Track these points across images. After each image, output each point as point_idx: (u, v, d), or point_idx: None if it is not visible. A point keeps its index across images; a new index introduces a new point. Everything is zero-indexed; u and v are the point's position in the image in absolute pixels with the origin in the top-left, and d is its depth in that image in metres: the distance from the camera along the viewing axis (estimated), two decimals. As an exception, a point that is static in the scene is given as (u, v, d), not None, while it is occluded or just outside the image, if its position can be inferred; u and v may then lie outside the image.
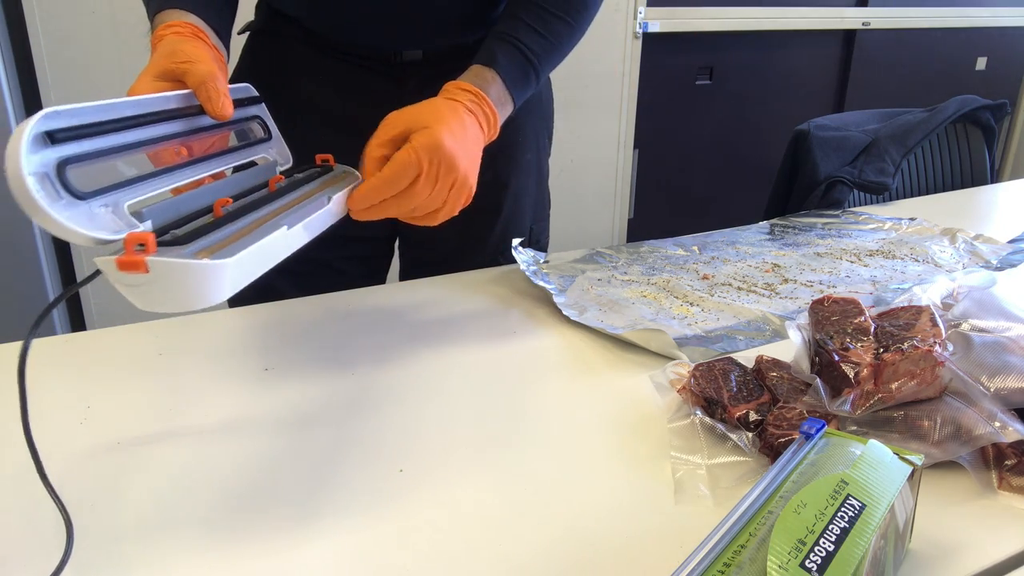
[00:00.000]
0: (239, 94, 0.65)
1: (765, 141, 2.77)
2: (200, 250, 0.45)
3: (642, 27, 2.34)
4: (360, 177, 0.67)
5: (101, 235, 0.44)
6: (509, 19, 0.78)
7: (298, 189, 0.61)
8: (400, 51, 0.83)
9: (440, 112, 0.66)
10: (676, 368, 0.63)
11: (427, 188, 0.63)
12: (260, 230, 0.50)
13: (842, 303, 0.62)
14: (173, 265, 0.42)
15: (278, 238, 0.50)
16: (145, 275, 0.42)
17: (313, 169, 0.69)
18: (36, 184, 0.42)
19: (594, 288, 0.85)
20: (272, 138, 0.69)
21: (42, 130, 0.43)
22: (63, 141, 0.44)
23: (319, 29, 0.83)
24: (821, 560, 0.34)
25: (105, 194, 0.46)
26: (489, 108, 0.72)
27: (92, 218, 0.44)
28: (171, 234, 0.47)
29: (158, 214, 0.49)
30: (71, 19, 1.64)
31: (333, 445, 0.56)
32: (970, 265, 0.93)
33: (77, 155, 0.45)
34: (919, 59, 3.01)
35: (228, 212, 0.52)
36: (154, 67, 0.58)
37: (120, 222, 0.46)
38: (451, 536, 0.47)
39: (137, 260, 0.41)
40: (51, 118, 0.44)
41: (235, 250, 0.45)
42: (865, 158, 1.23)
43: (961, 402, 0.53)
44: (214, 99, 0.57)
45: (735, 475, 0.52)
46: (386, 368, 0.68)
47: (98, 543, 0.46)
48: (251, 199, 0.56)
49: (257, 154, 0.66)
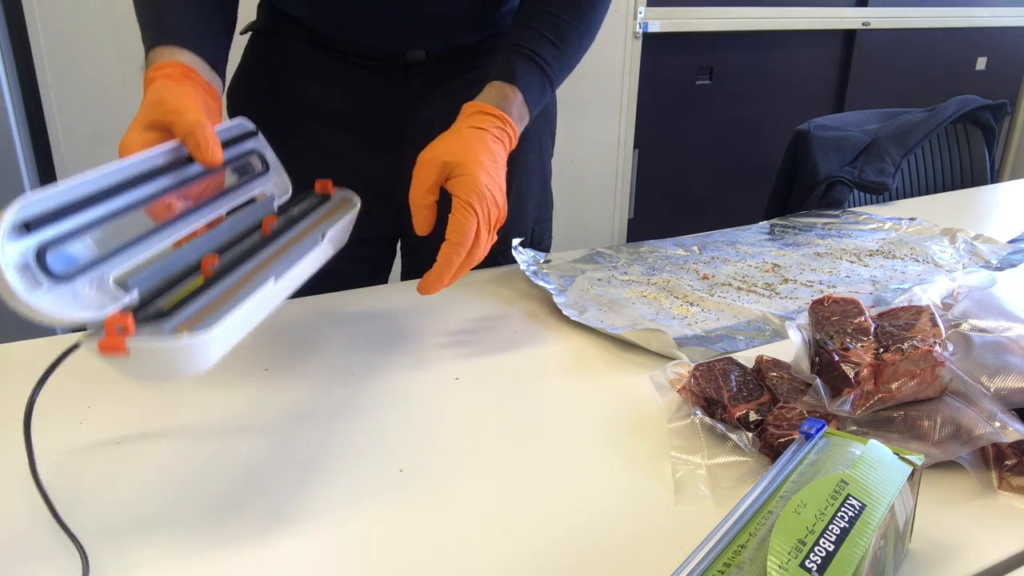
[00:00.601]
0: (234, 131, 0.65)
1: (765, 141, 2.76)
2: (182, 323, 0.45)
3: (642, 27, 2.34)
4: (358, 202, 0.69)
5: (83, 316, 0.44)
6: (524, 30, 0.78)
7: (293, 227, 0.61)
8: (403, 51, 0.83)
9: (472, 148, 0.68)
10: (676, 368, 0.63)
11: (485, 232, 0.67)
12: (247, 287, 0.50)
13: (842, 303, 0.62)
14: (152, 347, 0.43)
15: (264, 294, 0.50)
16: (126, 356, 0.42)
17: (310, 199, 0.69)
18: (15, 276, 0.41)
19: (594, 288, 0.85)
20: (270, 170, 0.68)
21: (19, 220, 0.43)
22: (41, 226, 0.44)
23: (321, 29, 0.83)
24: (821, 560, 0.34)
25: (88, 271, 0.46)
26: (512, 129, 0.73)
27: (75, 297, 0.44)
28: (154, 307, 0.47)
29: (144, 280, 0.49)
30: (71, 19, 1.64)
31: (333, 445, 0.56)
32: (970, 265, 0.93)
33: (57, 237, 0.45)
34: (919, 59, 3.01)
35: (216, 270, 0.52)
36: (142, 118, 0.59)
37: (104, 296, 0.46)
38: (451, 536, 0.47)
39: (117, 344, 0.42)
40: (27, 207, 0.43)
41: (216, 319, 0.45)
42: (865, 158, 1.23)
43: (961, 402, 0.53)
44: (203, 147, 0.57)
45: (735, 475, 0.52)
46: (386, 368, 0.68)
47: (97, 544, 0.46)
48: (241, 249, 0.56)
49: (255, 190, 0.65)
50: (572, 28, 0.78)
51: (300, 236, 0.60)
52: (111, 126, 1.73)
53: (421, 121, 0.86)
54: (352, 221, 0.68)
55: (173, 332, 0.44)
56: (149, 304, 0.47)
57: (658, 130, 2.57)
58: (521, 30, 0.78)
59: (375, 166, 0.87)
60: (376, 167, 0.87)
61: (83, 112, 1.69)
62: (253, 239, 0.59)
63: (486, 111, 0.72)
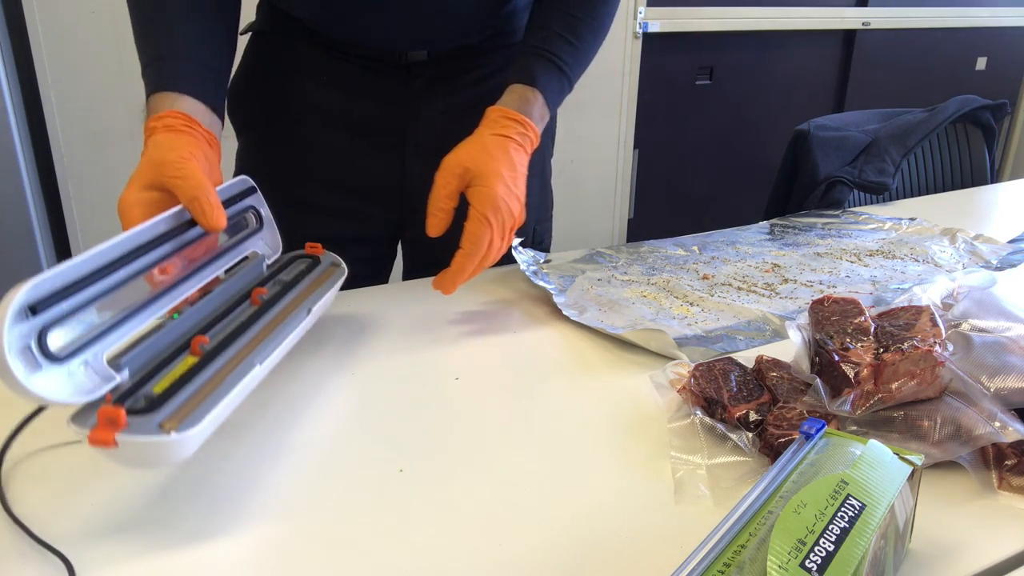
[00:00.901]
0: (234, 189, 0.66)
1: (765, 141, 2.76)
2: (169, 416, 0.46)
3: (642, 27, 2.34)
4: (345, 270, 0.71)
5: (77, 400, 0.45)
6: (540, 30, 0.79)
7: (281, 299, 0.63)
8: (405, 52, 0.83)
9: (493, 156, 0.70)
10: (676, 368, 0.63)
11: (498, 241, 0.70)
12: (233, 374, 0.51)
13: (842, 303, 0.62)
14: (140, 441, 0.44)
15: (248, 379, 0.52)
16: (115, 447, 0.43)
17: (300, 263, 0.71)
18: (18, 360, 0.42)
19: (594, 288, 0.85)
20: (263, 227, 0.69)
21: (25, 303, 0.43)
22: (46, 308, 0.44)
23: (322, 30, 0.83)
24: (821, 560, 0.34)
25: (83, 351, 0.47)
26: (534, 133, 0.75)
27: (70, 378, 0.45)
28: (144, 392, 0.48)
29: (136, 359, 0.51)
30: (71, 19, 1.64)
31: (333, 445, 0.56)
32: (970, 265, 0.93)
33: (57, 318, 0.45)
34: (919, 59, 3.01)
35: (206, 351, 0.53)
36: (143, 177, 0.59)
37: (97, 377, 0.47)
38: (451, 536, 0.47)
39: (107, 438, 0.43)
40: (33, 290, 0.44)
41: (201, 415, 0.46)
42: (865, 158, 1.23)
43: (961, 402, 0.53)
44: (208, 214, 0.58)
45: (735, 475, 0.52)
46: (386, 369, 0.68)
47: (97, 543, 0.46)
48: (231, 326, 0.58)
49: (247, 249, 0.67)
50: (586, 24, 0.79)
51: (287, 310, 0.62)
52: (111, 126, 1.73)
53: (422, 121, 0.86)
54: (337, 290, 0.70)
55: (160, 427, 0.45)
56: (139, 387, 0.49)
57: (658, 130, 2.57)
58: (537, 30, 0.79)
59: (377, 166, 0.87)
60: (378, 167, 0.87)
61: (83, 112, 1.69)
62: (243, 312, 0.61)
63: (509, 116, 0.73)
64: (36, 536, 0.45)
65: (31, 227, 1.66)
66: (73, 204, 1.75)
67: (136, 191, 0.59)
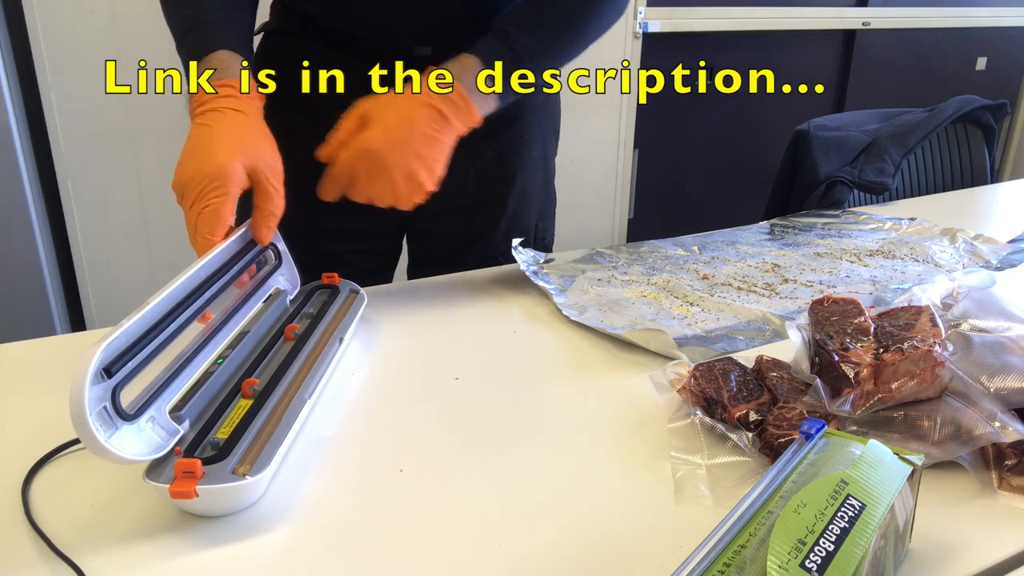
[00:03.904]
0: None
1: (765, 141, 2.76)
2: (240, 459, 0.48)
3: (642, 27, 2.33)
4: (365, 297, 0.75)
5: (152, 456, 0.47)
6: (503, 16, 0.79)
7: (313, 333, 0.66)
8: (409, 47, 0.84)
9: (391, 109, 0.71)
10: (676, 368, 0.63)
11: (367, 186, 0.70)
12: (289, 411, 0.54)
13: (842, 303, 0.62)
14: (218, 489, 0.46)
15: (303, 415, 0.55)
16: (196, 498, 0.45)
17: (322, 296, 0.74)
18: (97, 422, 0.43)
19: (594, 288, 0.85)
20: (283, 263, 0.72)
21: (100, 366, 0.44)
22: (119, 369, 0.46)
23: (330, 25, 0.84)
24: (821, 560, 0.34)
25: (149, 407, 0.48)
26: (459, 95, 0.73)
27: (140, 434, 0.47)
28: (209, 443, 0.50)
29: (193, 408, 0.53)
30: (71, 19, 1.64)
31: (333, 445, 0.56)
32: (970, 265, 0.93)
33: (126, 377, 0.47)
34: (919, 59, 3.01)
35: (257, 393, 0.56)
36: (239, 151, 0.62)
37: (163, 431, 0.49)
38: (451, 536, 0.47)
39: (188, 490, 0.45)
40: (106, 351, 0.45)
41: (270, 454, 0.49)
42: (865, 158, 1.23)
43: (961, 402, 0.53)
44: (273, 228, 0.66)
45: (735, 475, 0.52)
46: (386, 368, 0.68)
47: (97, 545, 0.46)
48: (273, 366, 0.60)
49: (271, 286, 0.70)
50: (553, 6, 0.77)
51: (321, 342, 0.65)
52: (111, 126, 1.73)
53: None
54: (360, 316, 0.72)
55: (234, 473, 0.47)
56: (203, 436, 0.51)
57: (658, 130, 2.57)
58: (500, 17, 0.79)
59: None
60: None
61: (83, 112, 1.69)
62: (281, 349, 0.64)
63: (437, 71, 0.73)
64: (55, 547, 0.45)
65: (31, 227, 1.66)
66: (73, 204, 1.75)
67: (235, 161, 0.61)
